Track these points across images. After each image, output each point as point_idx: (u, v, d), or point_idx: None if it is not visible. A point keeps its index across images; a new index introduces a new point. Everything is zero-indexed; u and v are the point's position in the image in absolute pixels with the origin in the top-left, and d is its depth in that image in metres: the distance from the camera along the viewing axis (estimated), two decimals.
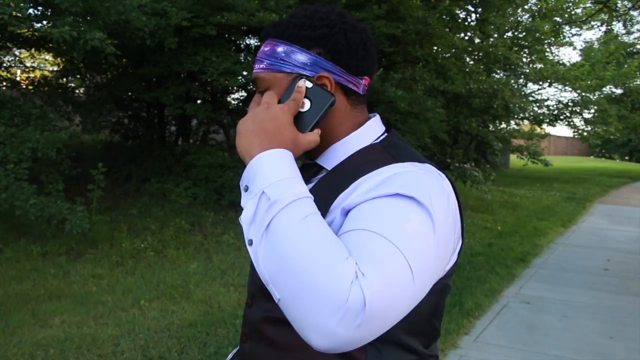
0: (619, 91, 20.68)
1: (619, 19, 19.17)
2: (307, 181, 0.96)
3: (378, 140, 0.97)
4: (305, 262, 0.71)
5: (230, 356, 1.13)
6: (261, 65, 0.96)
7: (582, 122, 18.65)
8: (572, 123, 18.34)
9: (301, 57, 0.93)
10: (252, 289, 0.99)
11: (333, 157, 0.96)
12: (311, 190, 0.86)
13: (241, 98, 9.34)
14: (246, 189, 0.80)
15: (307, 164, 1.00)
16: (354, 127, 0.97)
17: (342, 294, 0.68)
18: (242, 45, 8.58)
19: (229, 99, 9.28)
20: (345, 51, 0.94)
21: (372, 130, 0.98)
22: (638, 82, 19.66)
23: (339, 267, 0.70)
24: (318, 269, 0.70)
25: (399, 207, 0.78)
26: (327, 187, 0.91)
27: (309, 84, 0.92)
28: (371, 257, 0.72)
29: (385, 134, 0.99)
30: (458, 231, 0.89)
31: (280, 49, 0.94)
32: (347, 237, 0.77)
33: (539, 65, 15.53)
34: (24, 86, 7.48)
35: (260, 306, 0.95)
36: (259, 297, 0.95)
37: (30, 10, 5.39)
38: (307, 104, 0.91)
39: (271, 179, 0.78)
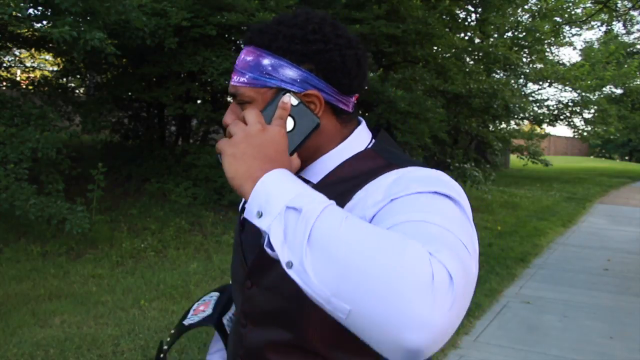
0: (619, 91, 20.69)
1: (619, 19, 19.19)
2: None
3: (369, 146, 0.92)
4: (372, 258, 0.62)
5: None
6: (242, 79, 0.87)
7: (582, 122, 18.67)
8: (572, 123, 18.35)
9: (290, 72, 0.85)
10: (246, 308, 0.92)
11: (319, 170, 0.90)
12: None
13: None
14: (260, 215, 0.69)
15: None
16: (341, 141, 0.91)
17: (426, 274, 0.60)
18: (242, 46, 8.58)
19: (229, 99, 9.28)
20: (339, 69, 0.86)
21: (359, 138, 0.92)
22: (638, 82, 19.66)
23: (410, 249, 0.62)
24: (389, 258, 0.61)
25: (428, 199, 0.74)
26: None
27: (295, 101, 0.84)
28: (429, 239, 0.65)
29: (373, 140, 0.93)
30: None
31: (266, 62, 0.86)
32: (397, 228, 0.70)
33: (539, 65, 15.55)
34: (24, 86, 7.48)
35: (260, 330, 0.89)
36: (258, 319, 0.90)
37: (30, 10, 5.39)
38: (289, 124, 0.84)
39: (290, 193, 0.69)
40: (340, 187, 0.85)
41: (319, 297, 0.64)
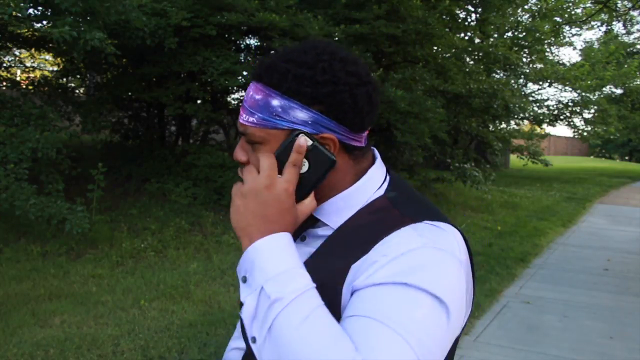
0: (619, 91, 20.68)
1: (619, 19, 19.19)
2: (301, 233, 0.91)
3: (382, 191, 0.90)
4: None
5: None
6: (251, 119, 0.85)
7: (582, 122, 18.67)
8: (572, 123, 18.35)
9: (301, 114, 0.83)
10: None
11: (334, 212, 0.89)
12: (320, 252, 0.85)
13: (241, 98, 9.34)
14: (244, 280, 0.76)
15: None
16: (355, 178, 0.89)
17: None
18: (242, 45, 8.58)
19: (229, 99, 9.28)
20: (350, 110, 0.84)
21: (375, 178, 0.91)
22: (638, 82, 19.66)
23: None
24: None
25: (408, 296, 0.74)
26: (338, 249, 0.85)
27: (309, 142, 0.83)
28: (374, 350, 0.69)
29: (387, 179, 0.92)
30: (470, 298, 0.85)
31: (275, 102, 0.83)
32: (357, 323, 0.73)
33: (539, 65, 15.55)
34: (24, 86, 7.48)
35: None
36: None
37: (30, 10, 5.39)
38: (305, 166, 0.84)
39: (270, 272, 0.74)
40: (358, 237, 0.84)
41: None
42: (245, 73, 7.06)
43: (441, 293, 0.74)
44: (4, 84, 7.49)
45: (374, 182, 0.90)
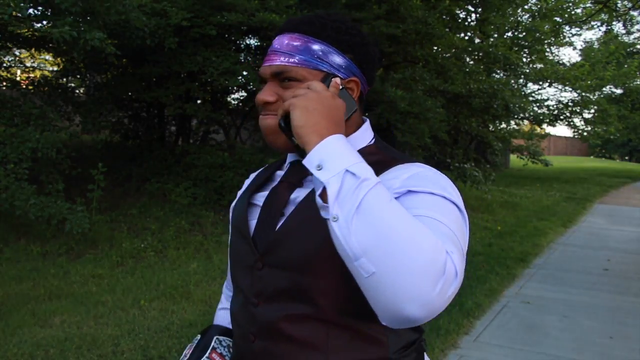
0: (619, 91, 20.69)
1: (619, 19, 19.19)
2: (302, 179, 1.01)
3: (372, 142, 1.04)
4: (406, 236, 0.73)
5: (188, 351, 1.12)
6: (292, 60, 0.96)
7: (582, 122, 18.65)
8: (572, 123, 18.33)
9: (337, 59, 0.97)
10: (257, 288, 0.98)
11: None
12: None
13: (241, 98, 9.34)
14: (319, 168, 0.79)
15: (300, 161, 0.99)
16: (356, 127, 1.03)
17: (441, 265, 0.73)
18: (242, 45, 8.57)
19: (229, 99, 9.27)
20: (371, 62, 1.01)
21: (368, 132, 1.05)
22: (638, 82, 19.66)
23: (434, 240, 0.75)
24: (419, 242, 0.73)
25: (440, 202, 0.87)
26: None
27: (340, 86, 0.95)
28: (443, 237, 0.79)
29: (374, 138, 1.06)
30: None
31: (316, 47, 0.97)
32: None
33: (539, 65, 15.53)
34: (24, 86, 7.47)
35: (275, 305, 0.95)
36: (270, 297, 0.96)
37: (30, 10, 5.38)
38: None
39: (350, 159, 0.79)
40: None
41: (351, 252, 0.75)
42: (245, 73, 7.06)
43: (459, 203, 0.90)
44: (4, 84, 7.49)
45: (368, 134, 1.05)
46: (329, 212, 0.77)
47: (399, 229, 0.74)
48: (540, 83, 16.91)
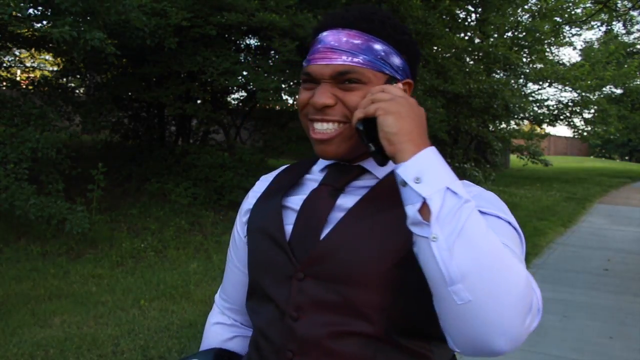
0: (619, 91, 20.68)
1: (619, 19, 19.19)
2: (345, 185, 0.94)
3: None
4: (505, 267, 0.71)
5: None
6: (356, 59, 0.88)
7: (582, 122, 18.65)
8: (572, 123, 18.33)
9: (397, 60, 0.91)
10: (299, 300, 0.89)
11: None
12: (369, 197, 0.90)
13: (241, 98, 9.34)
14: (418, 181, 0.75)
15: (345, 166, 0.95)
16: None
17: (530, 300, 0.71)
18: (242, 45, 8.58)
19: (229, 99, 9.28)
20: (417, 63, 0.96)
21: None
22: (638, 82, 19.65)
23: (527, 275, 0.73)
24: (515, 274, 0.71)
25: (506, 228, 0.84)
26: (390, 194, 0.88)
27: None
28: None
29: None
30: None
31: (378, 47, 0.90)
32: None
33: (539, 65, 15.55)
34: (24, 86, 7.47)
35: (319, 319, 0.88)
36: (317, 310, 0.88)
37: (30, 10, 5.38)
38: None
39: (451, 176, 0.76)
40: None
41: (447, 277, 0.71)
42: (245, 73, 7.06)
43: (518, 229, 0.86)
44: (4, 84, 7.49)
45: None
46: (429, 230, 0.72)
47: (498, 258, 0.71)
48: (540, 83, 16.92)
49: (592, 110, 17.83)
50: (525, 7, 14.54)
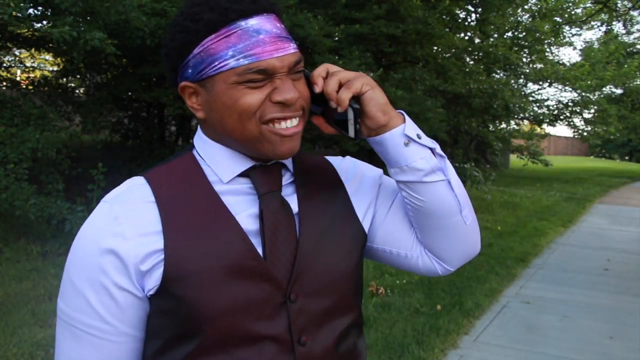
0: (619, 91, 20.70)
1: (619, 19, 19.18)
2: (281, 183, 0.89)
3: None
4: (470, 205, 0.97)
5: None
6: (295, 45, 0.83)
7: (582, 122, 18.66)
8: (572, 123, 18.34)
9: None
10: (302, 322, 0.83)
11: (288, 160, 0.92)
12: (306, 194, 0.91)
13: None
14: (419, 137, 0.87)
15: (266, 166, 0.88)
16: None
17: None
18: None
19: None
20: None
21: None
22: (638, 82, 19.67)
23: None
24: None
25: None
26: (316, 183, 0.94)
27: None
28: None
29: None
30: None
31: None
32: None
33: (539, 65, 15.54)
34: (24, 86, 7.48)
35: (326, 330, 0.86)
36: (321, 322, 0.85)
37: (30, 10, 5.38)
38: None
39: (429, 140, 0.90)
40: (316, 172, 0.96)
41: (458, 206, 0.92)
42: None
43: None
44: (4, 84, 7.49)
45: None
46: (445, 173, 0.90)
47: (468, 200, 0.96)
48: (540, 83, 16.92)
49: (592, 110, 17.84)
50: (525, 7, 14.52)
